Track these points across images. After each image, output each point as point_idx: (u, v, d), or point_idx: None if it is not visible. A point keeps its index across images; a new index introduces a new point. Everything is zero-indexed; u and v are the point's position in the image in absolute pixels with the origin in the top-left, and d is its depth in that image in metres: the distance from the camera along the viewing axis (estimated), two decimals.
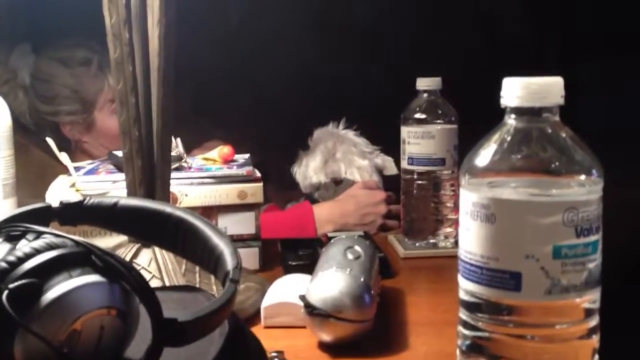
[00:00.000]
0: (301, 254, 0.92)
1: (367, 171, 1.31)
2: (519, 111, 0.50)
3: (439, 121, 1.02)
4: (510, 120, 0.51)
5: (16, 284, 0.41)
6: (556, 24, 1.78)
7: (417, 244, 1.03)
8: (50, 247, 0.44)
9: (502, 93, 0.50)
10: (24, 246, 0.44)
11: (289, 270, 0.87)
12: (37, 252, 0.44)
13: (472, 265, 0.50)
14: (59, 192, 0.87)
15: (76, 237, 0.45)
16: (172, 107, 0.74)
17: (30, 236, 0.46)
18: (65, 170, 0.93)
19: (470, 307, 0.51)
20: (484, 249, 0.49)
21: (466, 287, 0.51)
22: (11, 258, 0.43)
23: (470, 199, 0.50)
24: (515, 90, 0.49)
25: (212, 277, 0.63)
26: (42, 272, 0.43)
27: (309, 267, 0.78)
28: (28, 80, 1.31)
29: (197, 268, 0.72)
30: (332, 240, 0.80)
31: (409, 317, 0.76)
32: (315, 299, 0.66)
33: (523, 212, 0.48)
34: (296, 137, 1.46)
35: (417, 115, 1.03)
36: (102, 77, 1.30)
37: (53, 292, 0.42)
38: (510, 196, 0.49)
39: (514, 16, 1.81)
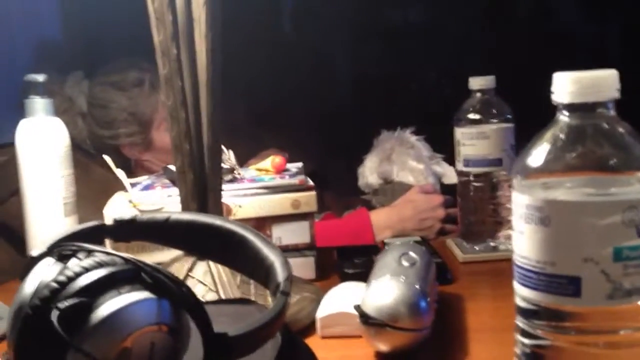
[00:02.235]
0: (357, 261, 0.91)
1: (421, 174, 1.29)
2: (572, 107, 0.47)
3: (493, 120, 0.99)
4: (563, 118, 0.48)
5: (66, 303, 0.42)
6: (619, 17, 1.73)
7: (476, 248, 1.01)
8: (99, 265, 0.45)
9: (553, 89, 0.48)
10: (74, 265, 0.45)
11: (345, 278, 0.86)
12: (87, 270, 0.44)
13: (527, 270, 0.48)
14: (116, 209, 0.89)
15: (125, 255, 0.45)
16: (221, 119, 0.75)
17: (81, 255, 0.46)
18: (124, 186, 0.95)
19: (527, 314, 0.49)
20: (540, 254, 0.47)
21: (522, 294, 0.49)
22: (61, 278, 0.43)
23: (523, 201, 0.48)
24: (566, 86, 0.47)
25: None
26: (92, 291, 0.43)
27: (365, 275, 0.76)
28: (85, 106, 1.32)
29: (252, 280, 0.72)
30: (386, 247, 0.79)
31: (468, 324, 0.74)
32: (370, 308, 0.65)
33: (579, 213, 0.45)
34: (355, 144, 1.46)
35: (471, 116, 1.00)
36: (156, 96, 1.30)
37: (102, 311, 0.43)
38: (564, 197, 0.46)
39: (574, 10, 1.76)
